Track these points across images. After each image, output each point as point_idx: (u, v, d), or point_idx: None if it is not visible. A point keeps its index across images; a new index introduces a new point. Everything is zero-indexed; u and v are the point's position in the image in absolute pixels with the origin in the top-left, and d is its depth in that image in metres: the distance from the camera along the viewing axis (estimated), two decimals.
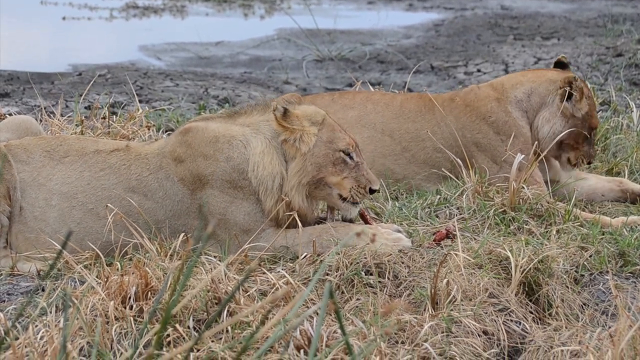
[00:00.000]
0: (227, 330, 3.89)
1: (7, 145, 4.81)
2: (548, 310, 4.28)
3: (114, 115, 7.03)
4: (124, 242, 4.56)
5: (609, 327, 4.07)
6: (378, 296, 4.22)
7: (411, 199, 5.45)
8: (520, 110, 5.67)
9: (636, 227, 5.10)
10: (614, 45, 11.68)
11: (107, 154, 4.75)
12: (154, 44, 13.01)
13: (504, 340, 4.04)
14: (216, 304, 4.03)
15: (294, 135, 4.63)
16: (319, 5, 17.43)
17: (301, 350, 3.75)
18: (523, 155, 5.29)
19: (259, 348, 3.73)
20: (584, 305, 4.36)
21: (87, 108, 8.02)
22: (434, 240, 4.71)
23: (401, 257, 4.44)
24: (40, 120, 6.54)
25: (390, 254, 4.42)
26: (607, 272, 4.55)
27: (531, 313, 4.24)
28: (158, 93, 9.30)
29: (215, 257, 4.51)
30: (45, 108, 6.98)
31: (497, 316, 4.11)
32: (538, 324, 4.20)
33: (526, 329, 4.12)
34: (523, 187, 5.12)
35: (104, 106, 6.90)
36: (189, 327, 3.90)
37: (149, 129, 6.46)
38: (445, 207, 5.24)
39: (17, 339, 3.72)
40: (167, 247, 4.51)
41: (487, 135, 5.63)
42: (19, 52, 12.43)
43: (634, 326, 3.68)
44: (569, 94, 5.61)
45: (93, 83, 8.09)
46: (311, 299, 4.21)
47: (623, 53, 11.14)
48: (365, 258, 4.35)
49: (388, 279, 4.31)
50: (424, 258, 4.49)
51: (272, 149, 4.64)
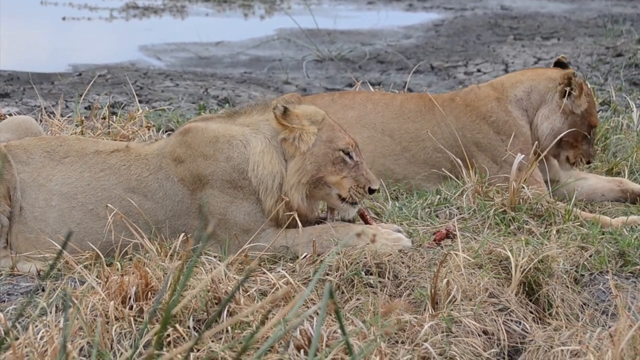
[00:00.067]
0: (227, 330, 3.89)
1: (7, 146, 4.81)
2: (548, 310, 4.27)
3: (114, 116, 7.03)
4: (124, 242, 4.56)
5: (609, 327, 4.07)
6: (378, 296, 4.22)
7: (411, 198, 5.44)
8: (520, 109, 5.66)
9: (636, 227, 5.10)
10: (613, 45, 11.68)
11: (107, 154, 4.75)
12: (154, 44, 13.01)
13: (504, 340, 4.04)
14: (216, 304, 4.03)
15: (294, 134, 4.63)
16: (319, 5, 17.43)
17: (301, 350, 3.75)
18: (523, 155, 5.29)
19: (259, 348, 3.73)
20: (584, 305, 4.36)
21: (87, 108, 8.02)
22: (434, 240, 4.71)
23: (401, 257, 4.44)
24: (40, 121, 6.53)
25: (391, 254, 4.42)
26: (607, 272, 4.55)
27: (531, 313, 4.24)
28: (158, 93, 9.30)
29: (215, 257, 4.51)
30: (45, 108, 6.98)
31: (497, 316, 4.11)
32: (538, 323, 4.20)
33: (526, 328, 4.12)
34: (523, 187, 5.12)
35: (103, 106, 6.89)
36: (189, 327, 3.90)
37: (149, 129, 6.46)
38: (445, 207, 5.24)
39: (17, 339, 3.72)
40: (167, 247, 4.51)
41: (488, 135, 5.63)
42: (19, 52, 12.43)
43: (634, 326, 3.68)
44: (569, 90, 5.61)
45: (93, 83, 8.09)
46: (311, 299, 4.21)
47: (623, 53, 11.14)
48: (365, 258, 4.35)
49: (388, 278, 4.31)
50: (424, 258, 4.49)
51: (272, 148, 4.64)
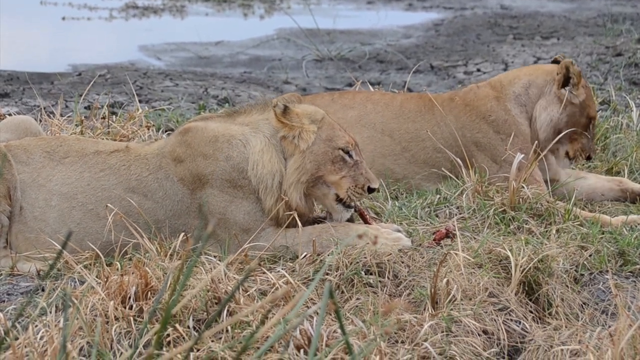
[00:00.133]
0: (227, 330, 3.89)
1: (7, 146, 4.81)
2: (548, 309, 4.27)
3: (114, 115, 7.03)
4: (123, 242, 4.56)
5: (609, 327, 4.07)
6: (378, 296, 4.22)
7: (411, 198, 5.44)
8: (519, 106, 5.68)
9: (636, 226, 5.10)
10: (613, 45, 11.68)
11: (107, 154, 4.75)
12: (154, 44, 13.01)
13: (504, 339, 4.04)
14: (216, 303, 4.03)
15: (293, 132, 4.63)
16: (319, 5, 17.43)
17: (301, 350, 3.75)
18: (523, 155, 5.29)
19: (259, 348, 3.73)
20: (583, 305, 4.36)
21: (87, 108, 8.02)
22: (434, 239, 4.71)
23: (401, 257, 4.44)
24: (40, 121, 6.53)
25: (390, 254, 4.42)
26: (607, 272, 4.55)
27: (531, 312, 4.24)
28: (158, 93, 9.30)
29: (215, 257, 4.51)
30: (44, 108, 6.98)
31: (497, 315, 4.11)
32: (538, 323, 4.20)
33: (526, 328, 4.12)
34: (523, 187, 5.12)
35: (103, 106, 6.89)
36: (188, 327, 3.90)
37: (148, 129, 6.46)
38: (445, 207, 5.24)
39: (17, 339, 3.72)
40: (167, 247, 4.51)
41: (487, 135, 5.63)
42: (19, 52, 12.43)
43: (634, 325, 3.68)
44: (566, 79, 5.64)
45: (93, 83, 8.09)
46: (311, 299, 4.21)
47: (623, 52, 11.14)
48: (365, 257, 4.35)
49: (388, 278, 4.31)
50: (423, 257, 4.49)
51: (272, 147, 4.64)
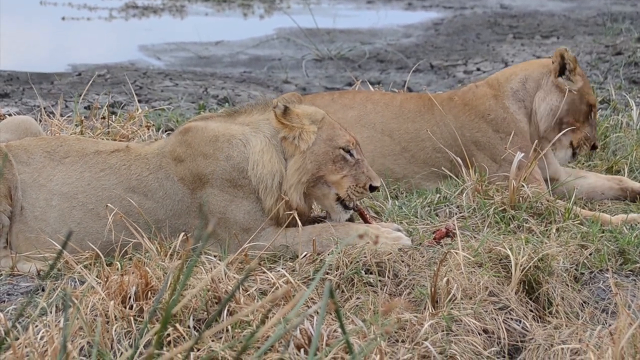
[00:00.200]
0: (228, 330, 3.89)
1: (8, 146, 4.81)
2: (548, 308, 4.27)
3: (114, 115, 7.03)
4: (124, 242, 4.56)
5: (609, 325, 4.07)
6: (378, 295, 4.22)
7: (411, 197, 5.44)
8: (518, 102, 5.68)
9: (636, 225, 5.10)
10: (613, 44, 11.68)
11: (108, 154, 4.75)
12: (154, 43, 13.01)
13: (504, 338, 4.04)
14: (216, 303, 4.03)
15: (293, 133, 4.63)
16: (318, 4, 17.43)
17: (301, 350, 3.75)
18: (523, 154, 5.29)
19: (259, 347, 3.73)
20: (584, 304, 4.36)
21: (87, 108, 8.02)
22: (434, 238, 4.71)
23: (401, 256, 4.44)
24: (40, 121, 6.53)
25: (390, 253, 4.41)
26: (607, 270, 4.55)
27: (531, 311, 4.23)
28: (157, 93, 9.30)
29: (215, 257, 4.51)
30: (44, 108, 6.98)
31: (497, 314, 4.11)
32: (538, 322, 4.20)
33: (526, 327, 4.12)
34: (523, 186, 5.12)
35: (103, 106, 6.90)
36: (189, 327, 3.90)
37: (148, 129, 6.46)
38: (445, 206, 5.24)
39: (17, 339, 3.72)
40: (167, 247, 4.51)
41: (486, 134, 5.63)
42: (19, 52, 12.43)
43: (634, 324, 3.68)
44: (562, 68, 5.65)
45: (92, 83, 8.09)
46: (311, 298, 4.21)
47: (622, 51, 11.13)
48: (365, 257, 4.34)
49: (388, 277, 4.31)
50: (424, 257, 4.49)
51: (272, 147, 4.64)
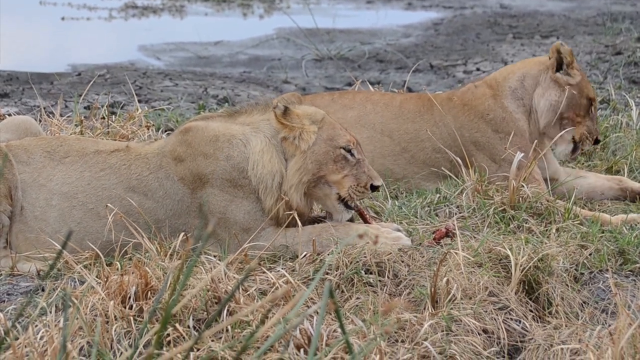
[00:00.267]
0: (227, 330, 3.89)
1: (8, 146, 4.81)
2: (548, 308, 4.28)
3: (113, 115, 7.03)
4: (124, 242, 4.56)
5: (609, 325, 4.07)
6: (378, 295, 4.22)
7: (411, 197, 5.45)
8: (516, 100, 5.68)
9: (636, 225, 5.10)
10: (613, 44, 11.68)
11: (108, 154, 4.75)
12: (153, 43, 13.00)
13: (504, 338, 4.04)
14: (216, 303, 4.03)
15: (294, 133, 4.63)
16: (318, 4, 17.42)
17: (301, 350, 3.75)
18: (522, 154, 5.29)
19: (259, 347, 3.73)
20: (583, 304, 4.36)
21: (87, 108, 8.01)
22: (434, 238, 4.71)
23: (401, 256, 4.44)
24: (40, 121, 6.53)
25: (390, 253, 4.42)
26: (607, 270, 4.55)
27: (531, 311, 4.24)
28: (157, 93, 9.30)
29: (215, 257, 4.51)
30: (44, 108, 6.98)
31: (497, 315, 4.11)
32: (538, 322, 4.20)
33: (526, 327, 4.12)
34: (523, 186, 5.12)
35: (103, 106, 6.89)
36: (189, 327, 3.90)
37: (148, 129, 6.46)
38: (444, 206, 5.24)
39: (17, 339, 3.72)
40: (167, 247, 4.51)
41: (486, 134, 5.63)
42: (19, 52, 12.43)
43: (634, 324, 3.68)
44: (559, 64, 5.65)
45: (92, 83, 8.08)
46: (311, 298, 4.21)
47: (622, 51, 11.13)
48: (365, 257, 4.35)
49: (388, 277, 4.31)
50: (423, 257, 4.49)
51: (272, 147, 4.64)
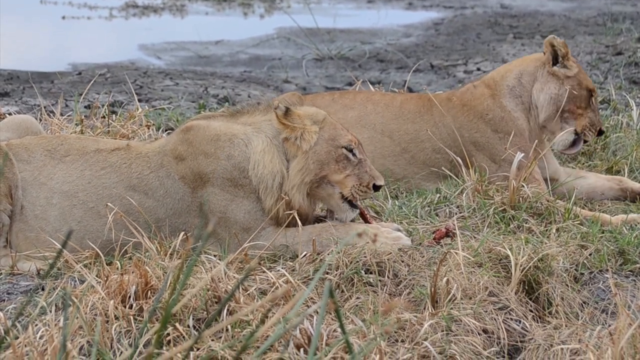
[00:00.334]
0: (227, 329, 3.90)
1: (8, 145, 4.81)
2: (548, 308, 4.28)
3: (114, 115, 7.03)
4: (124, 241, 4.56)
5: (609, 326, 4.07)
6: (378, 295, 4.22)
7: (411, 197, 5.45)
8: (515, 98, 5.68)
9: (636, 225, 5.10)
10: (613, 44, 11.68)
11: (108, 152, 4.75)
12: (154, 43, 13.00)
13: (504, 338, 4.04)
14: (216, 302, 4.03)
15: (295, 134, 4.63)
16: (319, 4, 17.42)
17: (301, 349, 3.76)
18: (522, 154, 5.29)
19: (259, 347, 3.73)
20: (583, 304, 4.36)
21: (87, 107, 8.02)
22: (434, 238, 4.71)
23: (401, 256, 4.44)
24: (40, 120, 6.53)
25: (390, 253, 4.42)
26: (607, 271, 4.55)
27: (531, 311, 4.24)
28: (158, 92, 9.30)
29: (215, 256, 4.51)
30: (45, 107, 6.98)
31: (497, 314, 4.12)
32: (538, 322, 4.20)
33: (526, 327, 4.12)
34: (523, 186, 5.12)
35: (103, 105, 6.90)
36: (188, 326, 3.90)
37: (148, 128, 6.46)
38: (445, 206, 5.24)
39: (17, 338, 3.73)
40: (167, 246, 4.51)
41: (485, 134, 5.63)
42: (19, 52, 12.43)
43: (634, 324, 3.68)
44: (555, 58, 5.65)
45: (93, 82, 8.08)
46: (311, 298, 4.21)
47: (623, 51, 11.13)
48: (365, 257, 4.35)
49: (388, 277, 4.31)
50: (423, 257, 4.49)
51: (273, 147, 4.64)
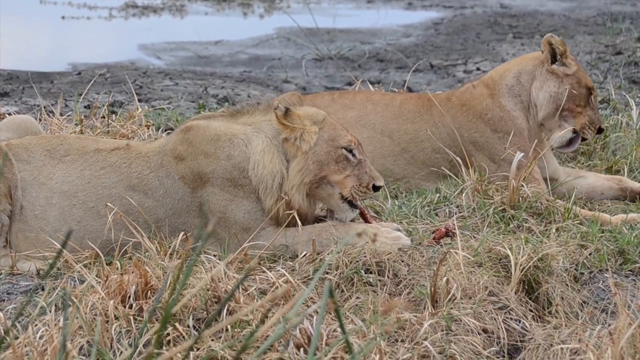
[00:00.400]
0: (227, 329, 3.89)
1: (8, 145, 4.81)
2: (548, 308, 4.28)
3: (114, 115, 7.03)
4: (123, 241, 4.56)
5: (609, 325, 4.07)
6: (378, 295, 4.22)
7: (411, 197, 5.45)
8: (514, 97, 5.68)
9: (636, 225, 5.10)
10: (613, 44, 11.68)
11: (108, 152, 4.75)
12: (154, 43, 13.00)
13: (504, 338, 4.04)
14: (216, 302, 4.03)
15: (295, 134, 4.63)
16: (318, 4, 17.42)
17: (301, 349, 3.76)
18: (522, 154, 5.29)
19: (258, 347, 3.73)
20: (583, 303, 4.36)
21: (87, 107, 8.01)
22: (434, 238, 4.71)
23: (401, 256, 4.44)
24: (40, 120, 6.53)
25: (390, 253, 4.42)
26: (607, 270, 4.55)
27: (531, 311, 4.24)
28: (157, 92, 9.29)
29: (215, 256, 4.51)
30: (44, 107, 6.98)
31: (497, 314, 4.12)
32: (538, 322, 4.20)
33: (526, 327, 4.12)
34: (522, 185, 5.12)
35: (103, 105, 6.89)
36: (188, 326, 3.90)
37: (148, 128, 6.46)
38: (444, 206, 5.24)
39: (17, 338, 3.73)
40: (167, 246, 4.51)
41: (485, 134, 5.63)
42: (19, 52, 12.43)
43: (634, 324, 3.69)
44: (553, 56, 5.65)
45: (92, 82, 8.08)
46: (311, 298, 4.21)
47: (622, 51, 11.13)
48: (365, 256, 4.35)
49: (388, 277, 4.31)
50: (423, 256, 4.49)
51: (273, 148, 4.64)
